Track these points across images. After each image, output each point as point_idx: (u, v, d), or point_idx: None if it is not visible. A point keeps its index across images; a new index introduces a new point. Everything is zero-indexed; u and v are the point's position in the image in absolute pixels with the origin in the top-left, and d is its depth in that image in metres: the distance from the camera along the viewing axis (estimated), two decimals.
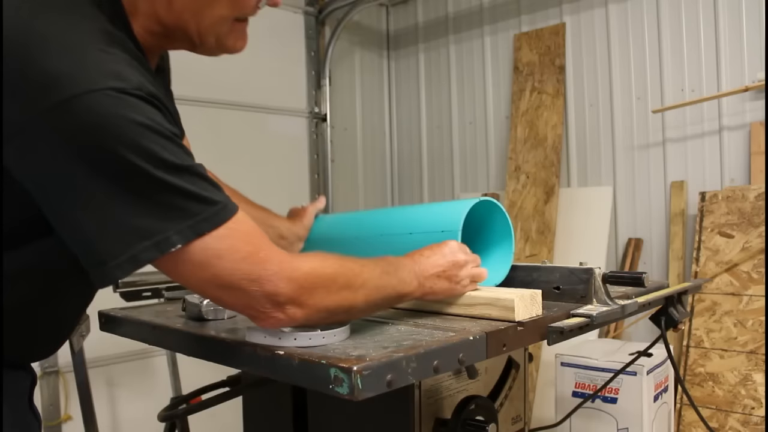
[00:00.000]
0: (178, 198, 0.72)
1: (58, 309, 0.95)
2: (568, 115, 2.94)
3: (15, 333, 0.89)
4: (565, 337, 0.95)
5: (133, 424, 2.58)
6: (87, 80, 0.69)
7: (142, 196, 0.71)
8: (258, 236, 0.78)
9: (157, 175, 0.71)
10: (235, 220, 0.76)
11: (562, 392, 1.86)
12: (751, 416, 2.15)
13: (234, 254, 0.75)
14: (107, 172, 0.70)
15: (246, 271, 0.75)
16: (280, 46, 3.20)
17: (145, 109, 0.72)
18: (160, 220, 0.71)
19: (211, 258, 0.74)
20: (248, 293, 0.76)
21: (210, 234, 0.74)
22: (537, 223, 2.85)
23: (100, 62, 0.71)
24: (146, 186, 0.71)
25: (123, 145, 0.69)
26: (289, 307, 0.78)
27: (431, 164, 3.56)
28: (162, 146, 0.72)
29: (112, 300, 1.33)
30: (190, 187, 0.73)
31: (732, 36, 2.46)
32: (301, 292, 0.78)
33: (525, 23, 3.12)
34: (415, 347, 0.80)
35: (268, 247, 0.78)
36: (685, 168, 2.59)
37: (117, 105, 0.69)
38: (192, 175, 0.74)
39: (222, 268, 0.75)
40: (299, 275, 0.78)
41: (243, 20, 0.90)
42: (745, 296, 2.26)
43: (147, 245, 0.71)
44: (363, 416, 1.08)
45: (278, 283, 0.76)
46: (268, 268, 0.76)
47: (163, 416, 1.34)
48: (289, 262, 0.78)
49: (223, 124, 2.91)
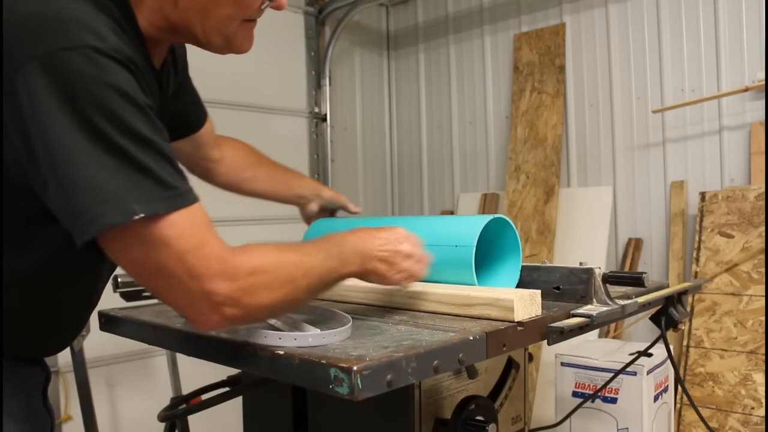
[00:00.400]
0: (139, 173, 0.71)
1: (67, 302, 0.96)
2: (568, 115, 2.94)
3: (25, 328, 0.90)
4: (565, 337, 0.95)
5: (133, 424, 2.58)
6: (64, 37, 0.69)
7: (106, 161, 0.69)
8: (207, 230, 0.76)
9: (120, 142, 0.70)
10: (191, 210, 0.74)
11: (562, 392, 1.86)
12: (751, 416, 2.15)
13: (181, 244, 0.73)
14: (74, 130, 0.69)
15: (188, 264, 0.73)
16: (280, 46, 3.20)
17: (119, 73, 0.71)
18: (121, 189, 0.70)
19: (157, 242, 0.72)
20: (186, 288, 0.74)
21: (163, 217, 0.72)
22: (537, 223, 2.85)
23: (79, 20, 0.71)
24: (110, 152, 0.70)
25: (91, 105, 0.69)
26: (227, 308, 0.75)
27: (431, 164, 3.56)
28: (130, 113, 0.71)
29: (112, 300, 1.33)
30: (150, 164, 0.72)
31: (732, 36, 2.46)
32: (240, 294, 0.76)
33: (525, 23, 3.12)
34: (415, 347, 0.80)
35: (213, 243, 0.75)
36: (685, 168, 2.59)
37: (91, 64, 0.69)
38: (155, 152, 0.73)
39: (165, 257, 0.73)
40: (240, 275, 0.75)
41: (251, 20, 0.90)
42: (745, 296, 2.26)
43: (111, 209, 0.70)
44: (363, 416, 1.08)
45: (218, 283, 0.74)
46: (209, 266, 0.74)
47: (163, 416, 1.34)
48: (232, 260, 0.75)
49: (223, 124, 2.90)
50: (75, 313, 1.01)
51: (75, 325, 1.02)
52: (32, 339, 0.94)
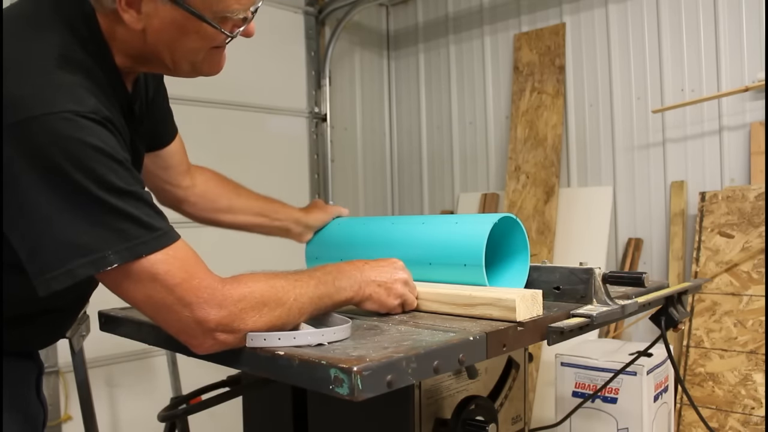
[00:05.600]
0: (119, 220, 0.76)
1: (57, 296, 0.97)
2: (568, 115, 2.94)
3: (16, 320, 0.90)
4: (565, 337, 0.95)
5: (133, 424, 2.58)
6: (44, 103, 0.74)
7: (84, 215, 0.74)
8: (194, 264, 0.81)
9: (101, 196, 0.74)
10: (174, 248, 0.79)
11: (562, 392, 1.86)
12: (751, 416, 2.15)
13: (168, 279, 0.78)
14: (54, 188, 0.73)
15: (178, 296, 0.78)
16: (280, 46, 3.20)
17: (99, 132, 0.76)
18: (99, 239, 0.74)
19: (146, 280, 0.78)
20: (180, 318, 0.80)
21: (147, 258, 0.77)
22: (537, 223, 2.85)
23: (58, 87, 0.76)
24: (90, 205, 0.74)
25: (71, 164, 0.73)
26: (219, 333, 0.81)
27: (431, 164, 3.56)
28: (110, 169, 0.75)
29: (112, 300, 1.32)
30: (132, 211, 0.76)
31: (732, 36, 2.46)
32: (231, 319, 0.81)
33: (525, 23, 3.12)
34: (415, 347, 0.80)
35: (202, 275, 0.80)
36: (685, 168, 2.59)
37: (71, 127, 0.74)
38: (136, 200, 0.78)
39: (156, 291, 0.78)
40: (229, 302, 0.80)
41: (219, 47, 0.93)
42: (745, 296, 2.26)
43: (84, 262, 0.74)
44: (363, 416, 1.08)
45: (209, 311, 0.79)
46: (199, 295, 0.79)
47: (163, 416, 1.34)
48: (221, 289, 0.81)
49: (223, 124, 2.91)
50: (73, 301, 1.01)
51: (71, 314, 1.03)
52: (27, 329, 0.96)
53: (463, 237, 1.12)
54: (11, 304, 0.89)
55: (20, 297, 0.89)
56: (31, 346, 1.00)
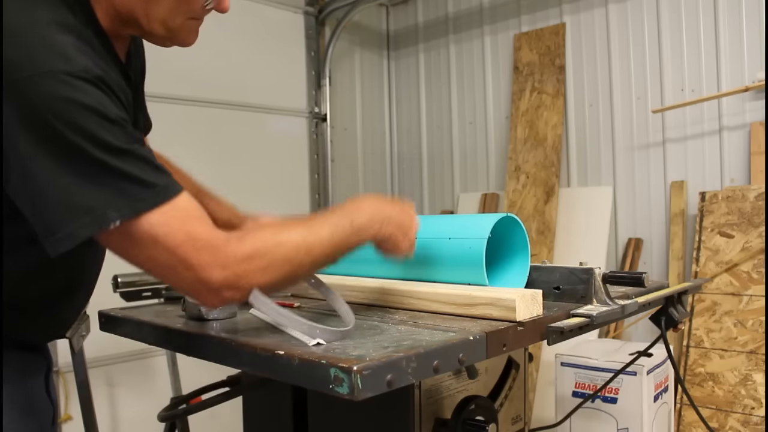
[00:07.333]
0: (117, 179, 0.75)
1: (63, 283, 0.97)
2: (568, 115, 2.94)
3: (23, 311, 0.90)
4: (565, 337, 0.95)
5: (133, 424, 2.58)
6: (35, 64, 0.74)
7: (82, 175, 0.74)
8: (196, 220, 0.80)
9: (97, 155, 0.74)
10: (173, 204, 0.78)
11: (562, 392, 1.86)
12: (751, 416, 2.15)
13: (169, 241, 0.77)
14: (51, 150, 0.73)
15: (180, 258, 0.78)
16: (280, 46, 3.20)
17: (90, 91, 0.75)
18: (98, 198, 0.74)
19: (147, 240, 0.77)
20: (183, 278, 0.79)
21: (147, 216, 0.76)
22: (537, 223, 2.85)
23: (49, 48, 0.76)
24: (87, 165, 0.74)
25: (65, 125, 0.73)
26: (224, 291, 0.80)
27: (431, 164, 3.56)
28: (104, 128, 0.75)
29: (112, 300, 1.33)
30: (129, 169, 0.76)
31: (732, 36, 2.46)
32: (235, 279, 0.80)
33: (525, 23, 3.12)
34: (415, 347, 0.80)
35: (205, 233, 0.79)
36: (685, 168, 2.59)
37: (61, 87, 0.74)
38: (134, 157, 0.77)
39: (158, 252, 0.78)
40: (233, 262, 0.79)
41: (195, 19, 0.93)
42: (745, 296, 2.26)
43: (86, 221, 0.74)
44: (363, 416, 1.08)
45: (211, 272, 0.78)
46: (201, 256, 0.78)
47: (163, 416, 1.34)
48: (224, 248, 0.79)
49: (223, 124, 2.91)
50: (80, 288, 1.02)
51: (77, 304, 1.04)
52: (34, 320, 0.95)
53: (463, 237, 1.13)
54: (13, 285, 0.89)
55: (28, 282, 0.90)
56: (35, 335, 0.99)
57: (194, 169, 1.27)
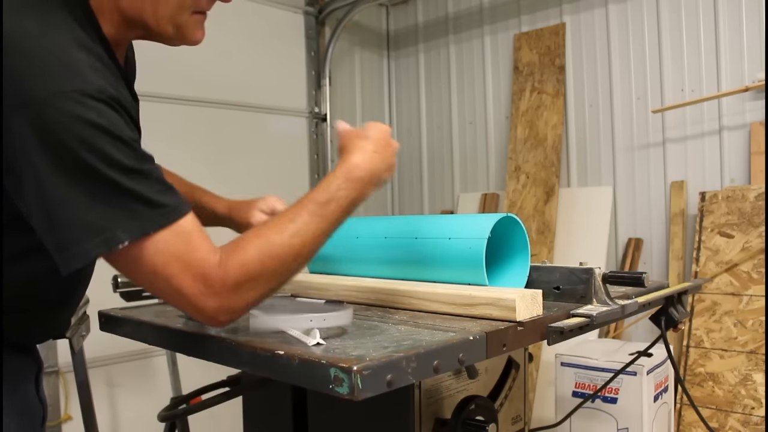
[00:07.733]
0: (128, 199, 0.77)
1: (58, 287, 0.97)
2: (568, 115, 2.94)
3: (16, 313, 0.90)
4: (565, 337, 0.95)
5: (133, 424, 2.58)
6: (51, 84, 0.75)
7: (95, 195, 0.76)
8: (194, 244, 0.81)
9: (110, 175, 0.76)
10: (179, 224, 0.80)
11: (562, 392, 1.86)
12: (751, 416, 2.15)
13: (168, 271, 0.80)
14: (65, 170, 0.75)
15: (176, 288, 0.81)
16: (280, 46, 3.20)
17: (105, 112, 0.77)
18: (108, 218, 0.76)
19: (148, 269, 0.80)
20: (181, 305, 0.84)
21: (151, 238, 0.78)
22: (537, 223, 2.85)
23: (65, 66, 0.77)
24: (99, 185, 0.76)
25: (79, 144, 0.74)
26: (221, 316, 0.84)
27: (431, 164, 3.56)
28: (117, 149, 0.76)
29: (112, 300, 1.33)
30: (140, 189, 0.78)
31: (732, 36, 2.46)
32: (228, 304, 0.83)
33: (525, 23, 3.12)
34: (415, 347, 0.80)
35: (199, 259, 0.81)
36: (685, 168, 2.59)
37: (76, 107, 0.75)
38: (144, 177, 0.79)
39: (157, 281, 0.81)
40: (225, 290, 0.82)
41: (201, 13, 0.94)
42: (745, 296, 2.26)
43: (97, 241, 0.76)
44: (363, 416, 1.08)
45: (205, 301, 0.81)
46: (197, 287, 0.81)
47: (163, 416, 1.34)
48: (215, 276, 0.81)
49: (224, 124, 2.91)
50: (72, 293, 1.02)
51: (70, 306, 1.04)
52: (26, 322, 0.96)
53: (463, 237, 1.12)
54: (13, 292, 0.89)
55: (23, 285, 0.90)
56: (29, 337, 1.00)
57: (194, 169, 1.28)
